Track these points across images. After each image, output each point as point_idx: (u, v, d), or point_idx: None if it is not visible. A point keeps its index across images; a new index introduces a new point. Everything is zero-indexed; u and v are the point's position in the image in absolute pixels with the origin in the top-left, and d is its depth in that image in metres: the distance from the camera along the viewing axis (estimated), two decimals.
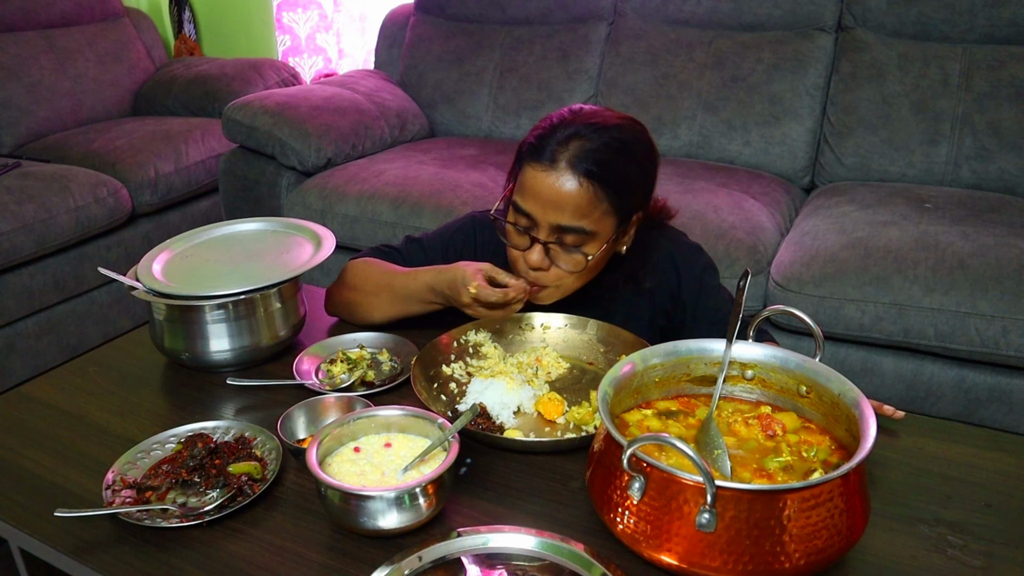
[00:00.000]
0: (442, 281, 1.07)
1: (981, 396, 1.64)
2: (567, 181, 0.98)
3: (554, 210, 0.99)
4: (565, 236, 1.02)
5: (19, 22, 2.77)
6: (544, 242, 1.03)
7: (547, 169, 0.99)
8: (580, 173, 0.98)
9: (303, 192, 2.23)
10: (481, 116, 2.66)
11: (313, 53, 3.37)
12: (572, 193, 0.98)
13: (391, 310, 1.16)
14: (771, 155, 2.28)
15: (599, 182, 0.98)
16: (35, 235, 2.11)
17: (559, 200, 0.98)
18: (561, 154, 0.98)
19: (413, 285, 1.12)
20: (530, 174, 1.01)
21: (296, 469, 0.89)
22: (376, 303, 1.16)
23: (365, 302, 1.17)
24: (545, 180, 0.99)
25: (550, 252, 1.04)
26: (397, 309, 1.15)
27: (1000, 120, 2.02)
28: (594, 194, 0.99)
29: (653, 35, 2.45)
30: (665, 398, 0.90)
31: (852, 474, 0.68)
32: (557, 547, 0.73)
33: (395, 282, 1.14)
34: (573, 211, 0.99)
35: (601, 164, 0.98)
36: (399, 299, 1.14)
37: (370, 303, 1.17)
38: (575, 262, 1.04)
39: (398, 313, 1.16)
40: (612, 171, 0.99)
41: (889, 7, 2.17)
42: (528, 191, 1.01)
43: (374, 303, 1.16)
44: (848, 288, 1.65)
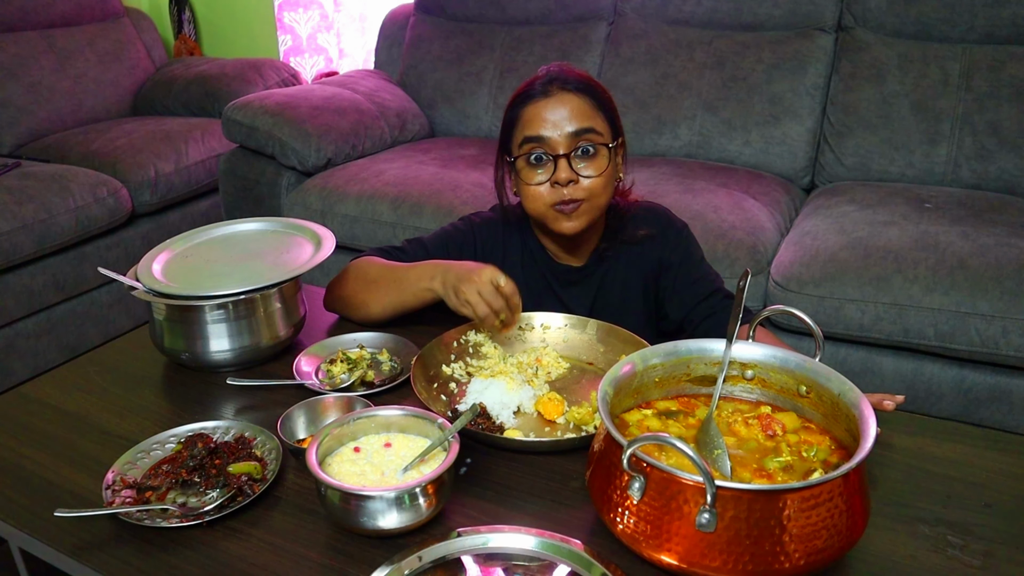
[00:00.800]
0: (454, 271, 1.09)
1: (981, 396, 1.64)
2: (566, 99, 1.11)
3: (566, 121, 1.10)
4: (580, 140, 1.10)
5: (19, 22, 2.77)
6: (565, 155, 1.10)
7: (545, 98, 1.11)
8: (572, 91, 1.12)
9: (303, 192, 2.23)
10: (481, 116, 2.66)
11: (314, 53, 3.37)
12: (574, 104, 1.11)
13: (387, 301, 1.17)
14: (771, 155, 2.28)
15: (589, 95, 1.12)
16: (35, 235, 2.11)
17: (566, 112, 1.10)
18: (551, 85, 1.12)
19: (413, 273, 1.14)
20: (531, 110, 1.12)
21: (296, 469, 0.89)
22: (373, 296, 1.17)
23: (363, 295, 1.19)
24: (547, 105, 1.11)
25: (572, 164, 1.10)
26: (393, 300, 1.16)
27: (1000, 120, 2.02)
28: (590, 103, 1.12)
29: (653, 35, 2.45)
30: (665, 398, 0.90)
31: (852, 474, 0.68)
32: (557, 547, 0.73)
33: (394, 273, 1.16)
34: (580, 117, 1.10)
35: (584, 83, 1.13)
36: (396, 288, 1.16)
37: (367, 295, 1.18)
38: (597, 165, 1.12)
39: (394, 305, 1.17)
40: (594, 89, 1.14)
41: (889, 7, 2.17)
42: (536, 121, 1.11)
43: (371, 295, 1.18)
44: (848, 288, 1.65)
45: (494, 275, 1.05)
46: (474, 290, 1.05)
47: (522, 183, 1.14)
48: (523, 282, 1.23)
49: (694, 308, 1.20)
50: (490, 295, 1.04)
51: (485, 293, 1.04)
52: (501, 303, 1.05)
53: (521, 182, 1.15)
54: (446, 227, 1.29)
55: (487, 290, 1.04)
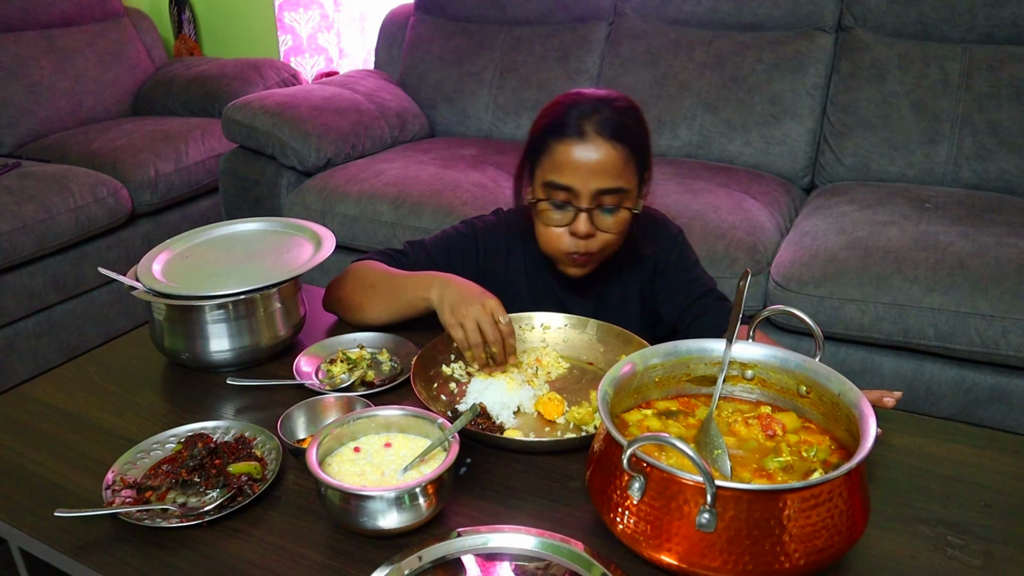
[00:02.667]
0: (455, 287, 1.06)
1: (981, 396, 1.64)
2: (600, 147, 1.05)
3: (594, 176, 1.05)
4: (605, 199, 1.07)
5: (19, 22, 2.77)
6: (588, 209, 1.07)
7: (579, 141, 1.05)
8: (608, 138, 1.05)
9: (303, 192, 2.23)
10: (481, 116, 2.66)
11: (315, 53, 3.37)
12: (607, 157, 1.05)
13: (382, 308, 1.16)
14: (771, 155, 2.28)
15: (624, 143, 1.06)
16: (35, 235, 2.11)
17: (597, 166, 1.05)
18: (587, 125, 1.05)
19: (410, 282, 1.12)
20: (561, 150, 1.07)
21: (296, 469, 0.89)
22: (369, 300, 1.16)
23: (359, 299, 1.18)
24: (580, 151, 1.05)
25: (593, 218, 1.08)
26: (389, 307, 1.15)
27: (1000, 120, 2.02)
28: (624, 154, 1.06)
29: (653, 35, 2.45)
30: (665, 398, 0.90)
31: (852, 474, 0.68)
32: (557, 547, 0.74)
33: (392, 280, 1.15)
34: (610, 173, 1.06)
35: (622, 127, 1.06)
36: (392, 295, 1.14)
37: (364, 300, 1.17)
38: (617, 221, 1.10)
39: (389, 311, 1.15)
40: (631, 133, 1.07)
41: (889, 7, 2.17)
42: (564, 165, 1.07)
43: (368, 300, 1.17)
44: (848, 288, 1.65)
45: (496, 308, 1.02)
46: (473, 316, 1.01)
47: (539, 220, 1.13)
48: (526, 287, 1.23)
49: (687, 308, 1.20)
50: (488, 326, 1.01)
51: (483, 322, 1.01)
52: (497, 337, 1.01)
53: (538, 218, 1.13)
54: (448, 230, 1.28)
55: (486, 320, 1.01)
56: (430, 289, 1.08)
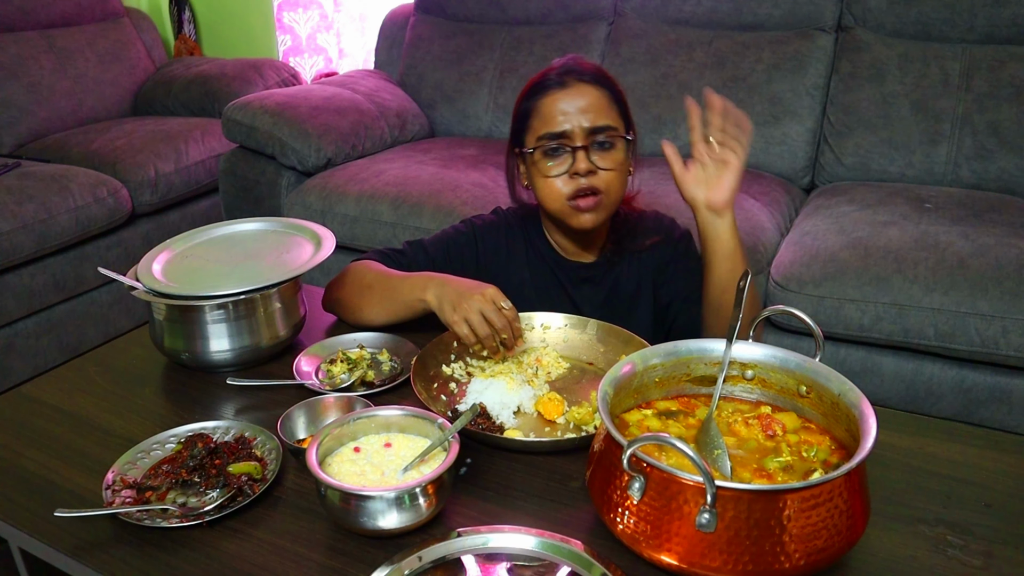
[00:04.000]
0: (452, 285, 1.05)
1: (981, 396, 1.64)
2: (584, 91, 1.11)
3: (583, 115, 1.10)
4: (598, 136, 1.10)
5: (19, 22, 2.77)
6: (583, 146, 1.10)
7: (562, 90, 1.11)
8: (589, 83, 1.12)
9: (303, 192, 2.23)
10: (481, 116, 2.66)
11: (314, 53, 3.37)
12: (591, 97, 1.11)
13: (379, 309, 1.15)
14: (771, 155, 2.28)
15: (604, 87, 1.13)
16: (35, 235, 2.11)
17: (584, 106, 1.10)
18: (567, 77, 1.12)
19: (407, 283, 1.12)
20: (547, 101, 1.12)
21: (296, 469, 0.89)
22: (367, 301, 1.16)
23: (356, 300, 1.18)
24: (564, 97, 1.11)
25: (590, 156, 1.11)
26: (386, 308, 1.15)
27: (1000, 120, 2.02)
28: (606, 96, 1.12)
29: (653, 35, 2.45)
30: (665, 398, 0.90)
31: (852, 474, 0.68)
32: (557, 547, 0.73)
33: (389, 281, 1.14)
34: (598, 111, 1.11)
35: (599, 75, 1.14)
36: (388, 297, 1.14)
37: (361, 301, 1.17)
38: (613, 157, 1.12)
39: (386, 313, 1.15)
40: (609, 82, 1.14)
41: (889, 7, 2.17)
42: (552, 114, 1.11)
43: (365, 301, 1.16)
44: (848, 288, 1.65)
45: (497, 295, 1.02)
46: (475, 308, 1.00)
47: (538, 175, 1.13)
48: (531, 282, 1.23)
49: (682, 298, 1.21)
50: (492, 313, 1.00)
51: (487, 311, 1.00)
52: (504, 323, 1.01)
53: (537, 174, 1.14)
54: (447, 230, 1.28)
55: (489, 308, 1.00)
56: (426, 290, 1.07)
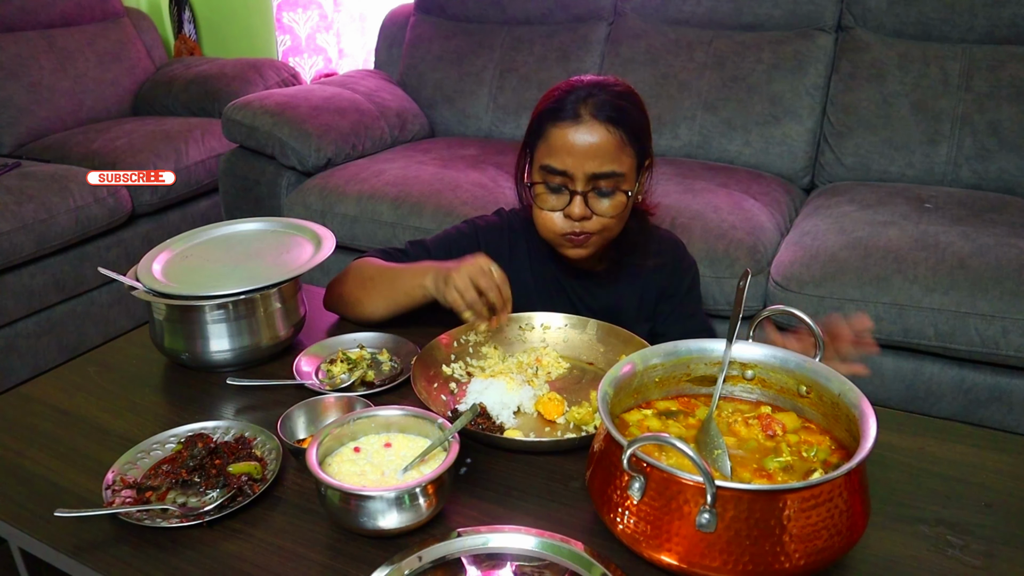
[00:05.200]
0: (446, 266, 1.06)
1: (981, 396, 1.64)
2: (595, 130, 1.06)
3: (588, 159, 1.06)
4: (600, 182, 1.08)
5: (19, 22, 2.77)
6: (583, 192, 1.08)
7: (573, 124, 1.07)
8: (603, 121, 1.06)
9: (303, 192, 2.23)
10: (481, 116, 2.66)
11: (313, 53, 3.37)
12: (602, 141, 1.06)
13: (380, 301, 1.16)
14: (771, 155, 2.28)
15: (620, 126, 1.07)
16: (35, 235, 2.11)
17: (591, 149, 1.06)
18: (583, 109, 1.07)
19: (406, 272, 1.13)
20: (557, 133, 1.08)
21: (296, 469, 0.89)
22: (368, 294, 1.17)
23: (358, 293, 1.18)
24: (575, 134, 1.06)
25: (588, 201, 1.09)
26: (386, 299, 1.15)
27: (1000, 120, 2.02)
28: (619, 138, 1.07)
29: (653, 35, 2.45)
30: (665, 398, 0.90)
31: (852, 474, 0.68)
32: (557, 547, 0.73)
33: (389, 273, 1.16)
34: (604, 156, 1.07)
35: (618, 110, 1.07)
36: (388, 287, 1.15)
37: (362, 294, 1.18)
38: (613, 205, 1.10)
39: (387, 303, 1.15)
40: (628, 116, 1.08)
41: (889, 7, 2.17)
42: (559, 149, 1.08)
43: (366, 294, 1.17)
44: (848, 288, 1.65)
45: (485, 260, 1.04)
46: (463, 274, 1.02)
47: (536, 205, 1.14)
48: (533, 283, 1.24)
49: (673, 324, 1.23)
50: (481, 277, 1.01)
51: (474, 275, 1.02)
52: (491, 284, 1.02)
53: (536, 204, 1.14)
54: (449, 229, 1.29)
55: (476, 272, 1.02)
56: (425, 276, 1.08)
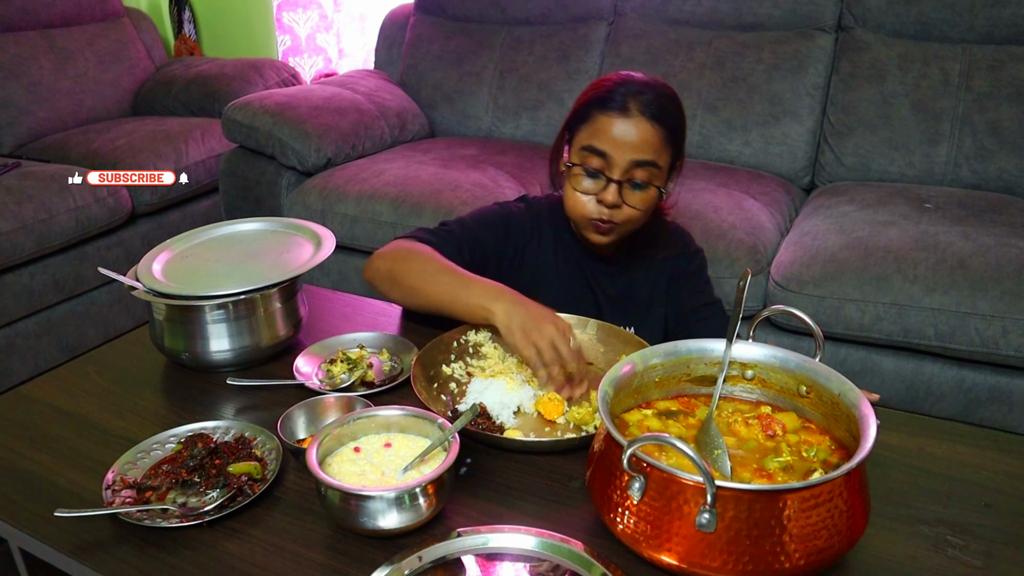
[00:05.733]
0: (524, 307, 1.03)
1: (981, 396, 1.64)
2: (641, 125, 1.10)
3: (631, 149, 1.10)
4: (637, 172, 1.11)
5: (19, 22, 2.77)
6: (619, 180, 1.11)
7: (621, 116, 1.10)
8: (649, 118, 1.10)
9: (303, 192, 2.23)
10: (481, 116, 2.66)
11: (313, 53, 3.37)
12: (647, 135, 1.10)
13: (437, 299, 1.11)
14: (771, 155, 2.28)
15: (664, 126, 1.11)
16: (35, 235, 2.11)
17: (637, 140, 1.10)
18: (632, 103, 1.10)
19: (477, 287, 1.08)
20: (604, 120, 1.11)
21: (296, 469, 0.89)
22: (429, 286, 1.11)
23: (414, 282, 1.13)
24: (621, 125, 1.10)
25: (622, 191, 1.12)
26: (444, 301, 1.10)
27: (1000, 120, 2.02)
28: (662, 136, 1.11)
29: (653, 35, 2.45)
30: (665, 398, 0.90)
31: (852, 474, 0.68)
32: (557, 547, 0.73)
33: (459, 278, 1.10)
34: (647, 149, 1.10)
35: (664, 111, 1.12)
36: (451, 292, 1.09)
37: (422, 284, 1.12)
38: (644, 198, 1.13)
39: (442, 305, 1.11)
40: (671, 117, 1.13)
41: (889, 7, 2.17)
42: (603, 133, 1.11)
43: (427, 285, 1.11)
44: (848, 288, 1.65)
45: (568, 329, 1.02)
46: (547, 335, 0.99)
47: (569, 186, 1.16)
48: (555, 268, 1.27)
49: (691, 311, 1.24)
50: (563, 345, 0.99)
51: (558, 342, 0.99)
52: (571, 355, 1.00)
53: (568, 185, 1.16)
54: (484, 210, 1.29)
55: (560, 339, 1.00)
56: (495, 303, 1.04)
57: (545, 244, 1.27)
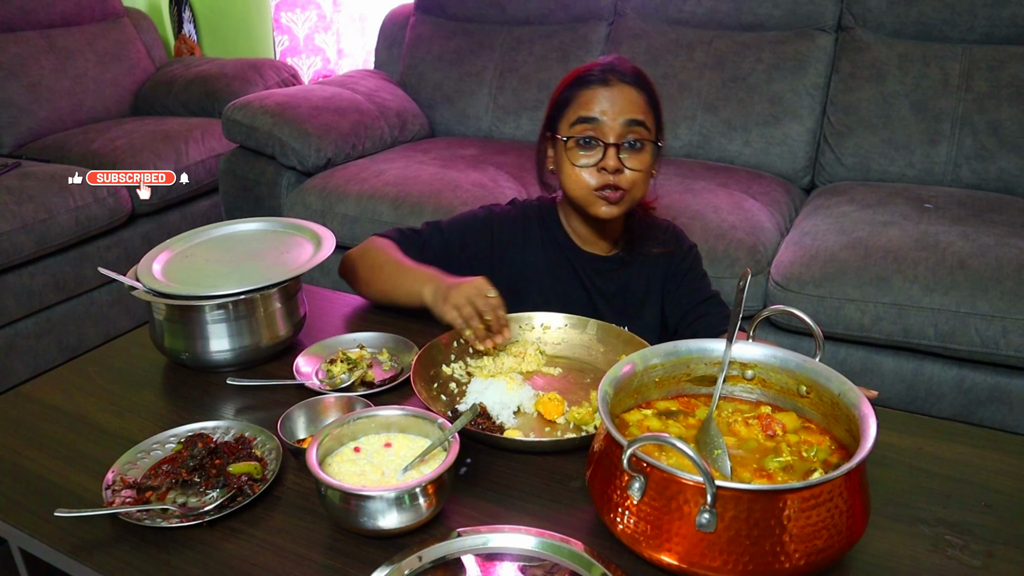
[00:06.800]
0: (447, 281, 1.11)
1: (981, 396, 1.64)
2: (624, 90, 1.14)
3: (621, 111, 1.13)
4: (630, 133, 1.14)
5: (19, 22, 2.77)
6: (616, 143, 1.13)
7: (604, 85, 1.14)
8: (630, 83, 1.15)
9: (303, 192, 2.23)
10: (481, 116, 2.66)
11: (311, 53, 3.37)
12: (631, 96, 1.14)
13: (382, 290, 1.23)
14: (771, 155, 2.28)
15: (644, 91, 1.16)
16: (35, 235, 2.11)
17: (624, 102, 1.13)
18: (611, 75, 1.15)
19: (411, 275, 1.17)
20: (589, 93, 1.15)
21: (296, 469, 0.89)
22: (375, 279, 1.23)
23: (367, 276, 1.24)
24: (607, 91, 1.14)
25: (620, 155, 1.14)
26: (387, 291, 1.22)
27: (1000, 120, 2.02)
28: (644, 99, 1.15)
29: (653, 35, 2.45)
30: (665, 398, 0.90)
31: (852, 474, 0.68)
32: (557, 547, 0.73)
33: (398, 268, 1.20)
34: (635, 108, 1.14)
35: (641, 79, 1.17)
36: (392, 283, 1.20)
37: (371, 277, 1.24)
38: (642, 159, 1.15)
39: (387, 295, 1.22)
40: (648, 86, 1.17)
41: (889, 7, 2.17)
42: (592, 102, 1.14)
43: (374, 277, 1.23)
44: (848, 288, 1.65)
45: (483, 283, 1.08)
46: (461, 294, 1.07)
47: (567, 163, 1.17)
48: (546, 270, 1.27)
49: (691, 310, 1.25)
50: (478, 299, 1.06)
51: (473, 297, 1.07)
52: (487, 306, 1.07)
53: (566, 162, 1.17)
54: (465, 214, 1.32)
55: (474, 294, 1.07)
56: (425, 285, 1.13)
57: (533, 245, 1.28)
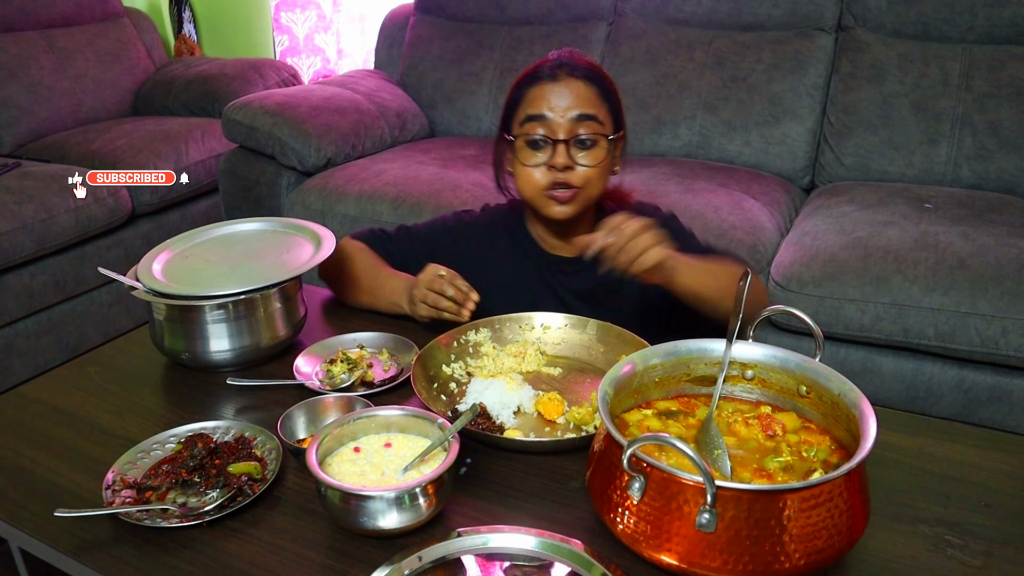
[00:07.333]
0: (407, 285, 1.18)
1: (981, 396, 1.63)
2: (573, 85, 1.12)
3: (569, 106, 1.11)
4: (580, 128, 1.11)
5: (19, 22, 2.77)
6: (564, 140, 1.11)
7: (552, 81, 1.13)
8: (580, 78, 1.13)
9: (303, 192, 2.23)
10: (481, 116, 2.66)
11: (311, 53, 3.37)
12: (580, 90, 1.12)
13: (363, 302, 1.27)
14: (771, 155, 2.28)
15: (595, 84, 1.14)
16: (35, 235, 2.11)
17: (572, 97, 1.11)
18: (559, 71, 1.13)
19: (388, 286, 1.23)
20: (536, 91, 1.13)
21: (296, 469, 0.89)
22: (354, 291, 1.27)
23: (342, 287, 1.29)
24: (554, 88, 1.12)
25: (570, 152, 1.12)
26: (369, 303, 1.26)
27: (1000, 120, 2.02)
28: (595, 92, 1.13)
29: (653, 35, 2.45)
30: (665, 398, 0.90)
31: (852, 474, 0.68)
32: (557, 547, 0.73)
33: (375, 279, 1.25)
34: (584, 102, 1.12)
35: (592, 71, 1.15)
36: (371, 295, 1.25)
37: (349, 290, 1.28)
38: (595, 155, 1.13)
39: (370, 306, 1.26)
40: (601, 79, 1.15)
41: (889, 7, 2.17)
42: (540, 100, 1.12)
43: (352, 290, 1.27)
44: (848, 288, 1.65)
45: (432, 268, 1.14)
46: (420, 288, 1.13)
47: (518, 163, 1.16)
48: (513, 276, 1.26)
49: None
50: (431, 282, 1.12)
51: (427, 283, 1.13)
52: (444, 285, 1.11)
53: (517, 162, 1.16)
54: (436, 220, 1.35)
55: (427, 280, 1.13)
56: (402, 297, 1.19)
57: (499, 251, 1.28)
